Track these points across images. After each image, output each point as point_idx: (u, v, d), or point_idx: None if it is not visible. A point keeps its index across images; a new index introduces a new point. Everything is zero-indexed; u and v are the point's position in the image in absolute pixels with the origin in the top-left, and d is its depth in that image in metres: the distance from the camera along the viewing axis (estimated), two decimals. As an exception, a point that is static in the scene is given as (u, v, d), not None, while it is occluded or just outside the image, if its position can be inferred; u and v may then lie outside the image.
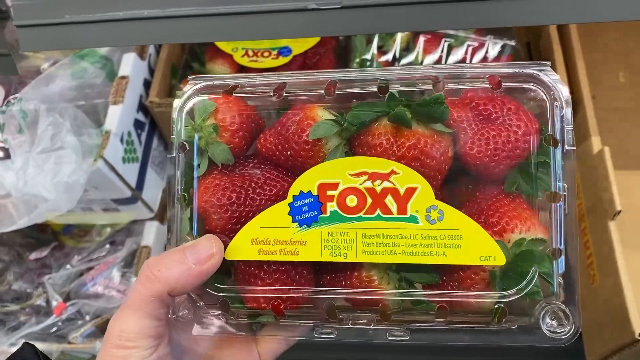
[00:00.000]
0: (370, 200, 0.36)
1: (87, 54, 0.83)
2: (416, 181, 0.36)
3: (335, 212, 0.37)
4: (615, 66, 0.97)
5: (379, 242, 0.36)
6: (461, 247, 0.36)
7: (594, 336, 0.71)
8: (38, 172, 0.69)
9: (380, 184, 0.36)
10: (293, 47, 0.85)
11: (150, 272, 0.36)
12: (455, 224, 0.36)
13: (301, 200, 0.37)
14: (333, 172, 0.37)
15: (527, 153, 0.36)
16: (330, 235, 0.37)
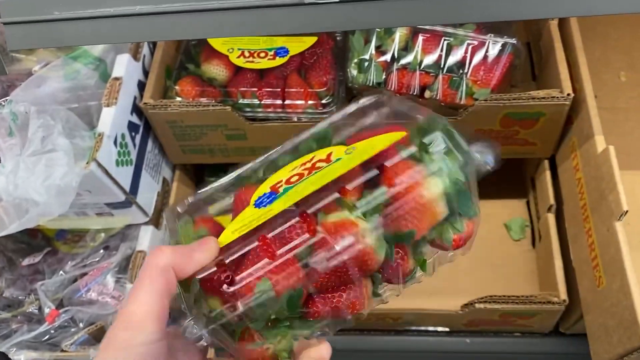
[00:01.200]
0: (307, 171, 0.44)
1: (80, 55, 0.82)
2: (336, 152, 0.45)
3: (286, 188, 0.43)
4: (617, 66, 0.96)
5: (322, 174, 0.42)
6: (374, 145, 0.43)
7: (600, 340, 0.69)
8: (29, 175, 0.67)
9: (312, 162, 0.44)
10: (290, 47, 0.84)
11: (159, 248, 0.40)
12: (368, 143, 0.43)
13: (261, 198, 0.44)
14: (279, 176, 0.45)
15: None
16: (288, 196, 0.42)
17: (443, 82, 0.79)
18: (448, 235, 0.42)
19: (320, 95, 0.82)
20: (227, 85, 0.84)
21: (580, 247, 0.75)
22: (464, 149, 0.41)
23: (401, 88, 0.80)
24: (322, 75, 0.83)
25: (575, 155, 0.78)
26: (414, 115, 0.45)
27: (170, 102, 0.81)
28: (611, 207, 0.67)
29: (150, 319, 0.37)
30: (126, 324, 0.37)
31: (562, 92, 0.74)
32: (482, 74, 0.78)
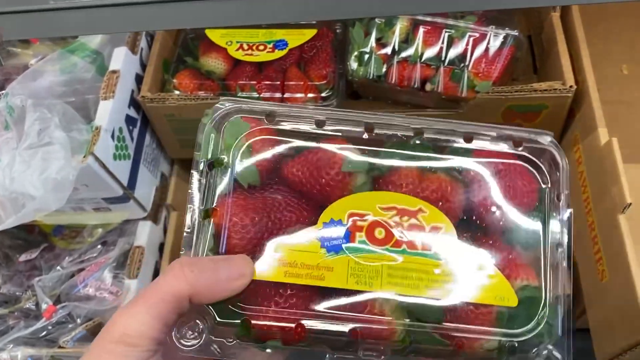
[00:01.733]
0: (397, 235, 0.39)
1: (77, 48, 0.81)
2: (441, 221, 0.39)
3: (364, 242, 0.38)
4: (619, 59, 0.95)
5: (403, 274, 0.38)
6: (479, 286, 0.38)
7: (603, 335, 0.69)
8: (25, 168, 0.67)
9: (407, 220, 0.39)
10: (289, 40, 0.83)
11: (180, 269, 0.35)
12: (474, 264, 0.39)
13: (331, 227, 0.39)
14: (363, 204, 0.39)
15: (528, 210, 0.40)
16: (357, 264, 0.38)
17: (444, 74, 0.78)
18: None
19: (320, 89, 0.81)
20: (225, 79, 0.83)
21: (584, 241, 0.74)
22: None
23: (402, 81, 0.79)
24: (322, 68, 0.82)
25: (577, 148, 0.78)
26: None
27: (168, 95, 0.80)
28: (614, 200, 0.66)
29: (145, 338, 0.34)
30: (118, 337, 0.34)
31: (565, 84, 0.74)
32: (484, 67, 0.77)
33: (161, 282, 0.35)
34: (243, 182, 0.40)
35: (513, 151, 0.41)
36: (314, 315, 0.38)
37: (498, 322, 0.38)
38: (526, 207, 0.40)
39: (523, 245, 0.40)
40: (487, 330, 0.38)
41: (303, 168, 0.40)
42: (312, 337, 0.38)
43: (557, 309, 0.38)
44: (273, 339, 0.38)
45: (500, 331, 0.38)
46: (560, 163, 0.41)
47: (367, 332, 0.38)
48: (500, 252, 0.39)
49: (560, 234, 0.40)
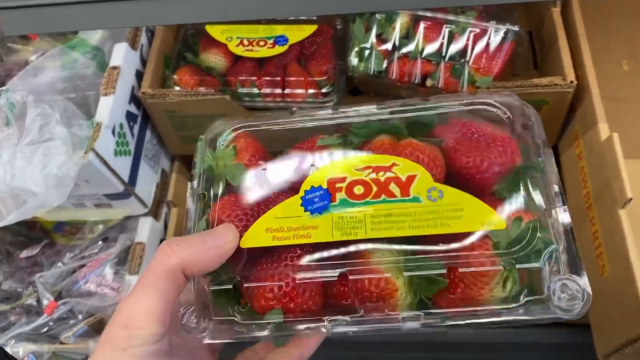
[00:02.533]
0: (375, 188, 0.40)
1: (77, 44, 0.81)
2: (415, 170, 0.40)
3: (344, 200, 0.40)
4: (619, 55, 0.95)
5: (386, 220, 0.39)
6: (463, 218, 0.38)
7: (604, 329, 0.69)
8: (26, 164, 0.66)
9: (383, 175, 0.40)
10: (289, 35, 0.83)
11: (167, 246, 0.37)
12: (455, 200, 0.39)
13: (312, 193, 0.40)
14: (340, 170, 0.41)
15: (512, 165, 0.40)
16: (340, 219, 0.39)
17: (445, 70, 0.78)
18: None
19: (321, 85, 0.81)
20: (226, 75, 0.83)
21: (584, 236, 0.74)
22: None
23: (402, 77, 0.79)
24: (322, 64, 0.82)
25: (578, 144, 0.78)
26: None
27: (168, 91, 0.80)
28: (615, 195, 0.66)
29: (150, 320, 0.35)
30: (125, 323, 0.35)
31: (565, 80, 0.74)
32: (484, 62, 0.77)
33: (153, 263, 0.36)
34: (234, 182, 0.42)
35: (475, 106, 0.43)
36: (305, 269, 0.39)
37: (492, 247, 0.37)
38: (505, 160, 0.40)
39: (509, 196, 0.39)
40: (482, 256, 0.37)
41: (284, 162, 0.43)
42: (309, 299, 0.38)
43: (551, 230, 0.38)
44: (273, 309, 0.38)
45: (496, 253, 0.37)
46: (528, 113, 0.42)
47: (359, 277, 0.38)
48: (484, 199, 0.39)
49: (546, 177, 0.40)
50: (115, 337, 0.35)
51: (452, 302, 0.38)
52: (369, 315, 0.38)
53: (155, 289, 0.35)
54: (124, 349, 0.34)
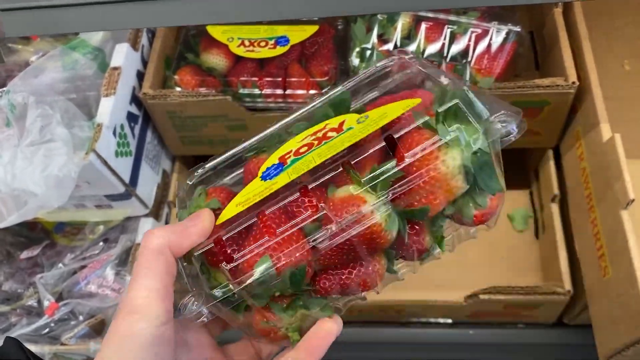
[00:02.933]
0: (316, 142, 0.42)
1: (78, 45, 0.81)
2: (344, 119, 0.43)
3: (294, 159, 0.42)
4: (621, 55, 0.94)
5: (330, 146, 0.40)
6: (387, 115, 0.40)
7: (606, 330, 0.69)
8: (27, 165, 0.66)
9: (321, 132, 0.42)
10: (291, 36, 0.83)
11: (151, 231, 0.39)
12: (380, 111, 0.41)
13: (268, 170, 0.43)
14: (287, 148, 0.43)
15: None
16: (294, 168, 0.41)
17: (446, 71, 0.78)
18: (469, 211, 0.40)
19: (322, 85, 0.81)
20: (227, 75, 0.82)
21: (585, 237, 0.74)
22: (484, 117, 0.38)
23: (404, 77, 0.79)
24: (324, 64, 0.82)
25: (579, 145, 0.78)
26: (436, 79, 0.43)
27: (169, 92, 0.80)
28: (617, 196, 0.66)
29: (153, 301, 0.36)
30: (129, 309, 0.36)
31: (567, 80, 0.74)
32: (486, 63, 0.77)
33: (140, 249, 0.39)
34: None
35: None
36: (271, 207, 0.40)
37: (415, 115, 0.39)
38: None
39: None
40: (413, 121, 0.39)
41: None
42: (284, 228, 0.39)
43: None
44: (260, 259, 0.39)
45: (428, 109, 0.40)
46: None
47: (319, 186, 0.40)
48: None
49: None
50: (120, 325, 0.36)
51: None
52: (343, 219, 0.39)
53: (150, 273, 0.37)
54: (130, 335, 0.35)
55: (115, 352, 0.35)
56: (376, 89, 0.46)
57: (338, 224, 0.38)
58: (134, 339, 0.35)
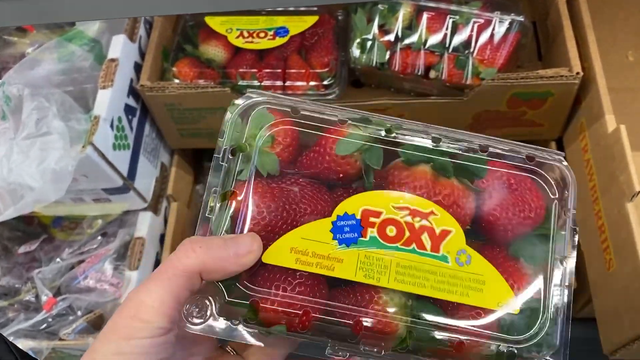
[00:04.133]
0: (408, 234, 0.39)
1: (74, 36, 0.79)
2: (451, 225, 0.40)
3: (375, 238, 0.39)
4: (625, 45, 0.93)
5: (411, 273, 0.39)
6: (483, 292, 0.39)
7: (610, 324, 0.68)
8: (23, 159, 0.65)
9: (419, 221, 0.40)
10: (290, 27, 0.82)
11: (189, 245, 0.36)
12: (480, 270, 0.39)
13: (344, 220, 0.40)
14: (377, 202, 0.40)
15: (535, 224, 0.41)
16: (367, 258, 0.39)
17: (448, 61, 0.77)
18: None
19: (322, 77, 0.80)
20: (226, 67, 0.81)
21: (590, 230, 0.73)
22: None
23: (405, 68, 0.78)
24: (324, 55, 0.80)
25: (584, 136, 0.77)
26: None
27: (167, 84, 0.79)
28: (622, 188, 0.65)
29: (158, 314, 0.35)
30: (134, 313, 0.35)
31: (571, 71, 0.73)
32: (489, 53, 0.76)
33: (173, 259, 0.36)
34: (262, 170, 0.40)
35: (525, 165, 0.42)
36: (320, 304, 0.38)
37: (498, 328, 0.39)
38: (533, 222, 0.41)
39: (527, 259, 0.40)
40: (488, 335, 0.38)
41: (313, 157, 0.42)
42: (316, 325, 0.39)
43: (557, 321, 0.39)
44: (278, 324, 0.39)
45: (500, 336, 0.38)
46: (569, 181, 0.42)
47: (370, 325, 0.38)
48: (505, 262, 0.40)
49: (564, 250, 0.41)
50: (121, 325, 0.35)
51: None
52: (366, 351, 0.39)
53: (169, 285, 0.35)
54: (128, 339, 0.34)
55: (112, 352, 0.34)
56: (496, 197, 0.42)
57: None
58: (132, 344, 0.34)
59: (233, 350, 0.44)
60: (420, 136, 0.42)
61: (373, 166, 0.41)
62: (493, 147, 0.42)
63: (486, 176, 0.42)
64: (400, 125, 0.43)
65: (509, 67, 0.77)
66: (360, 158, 0.41)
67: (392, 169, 0.42)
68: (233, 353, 0.44)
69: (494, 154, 0.42)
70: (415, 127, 0.43)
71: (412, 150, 0.42)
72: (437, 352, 0.39)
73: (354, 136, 0.41)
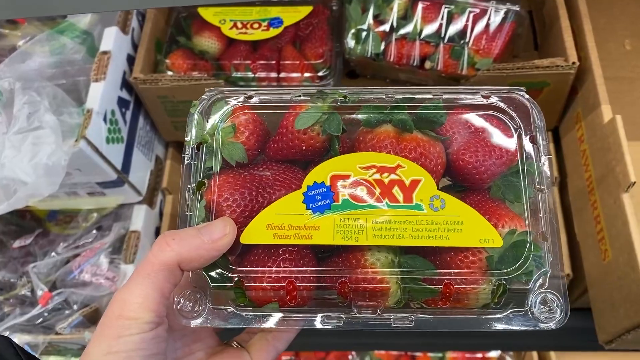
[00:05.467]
0: (378, 190, 0.40)
1: (66, 28, 0.78)
2: (420, 174, 0.40)
3: (347, 201, 0.40)
4: (621, 34, 0.93)
5: (387, 227, 0.39)
6: (462, 232, 0.39)
7: (606, 314, 0.68)
8: (15, 153, 0.65)
9: (387, 176, 0.40)
10: (284, 17, 0.81)
11: (163, 240, 0.37)
12: (456, 211, 0.40)
13: (315, 190, 0.40)
14: (344, 166, 0.41)
15: (510, 163, 0.41)
16: (342, 221, 0.39)
17: (444, 52, 0.76)
18: None
19: (317, 68, 0.79)
20: (219, 58, 0.81)
21: (585, 221, 0.73)
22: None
23: (400, 59, 0.77)
24: (318, 46, 0.80)
25: (580, 127, 0.76)
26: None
27: (161, 76, 0.78)
28: (618, 179, 0.65)
29: (143, 310, 0.36)
30: (119, 312, 0.36)
31: (567, 61, 0.72)
32: (484, 43, 0.75)
33: (149, 256, 0.37)
34: (230, 160, 0.42)
35: (484, 104, 0.43)
36: (307, 275, 0.39)
37: (486, 265, 0.39)
38: (507, 160, 0.41)
39: (508, 197, 0.41)
40: (476, 273, 0.39)
41: (278, 139, 0.43)
42: (308, 297, 0.40)
43: (545, 247, 0.40)
44: (270, 302, 0.40)
45: (489, 272, 0.39)
46: (532, 112, 0.42)
47: (357, 285, 0.39)
48: (487, 204, 0.41)
49: (542, 180, 0.41)
50: (109, 326, 0.36)
51: (442, 306, 0.40)
52: (361, 313, 0.40)
53: (150, 281, 0.36)
54: (118, 337, 0.35)
55: (103, 352, 0.35)
56: (465, 135, 0.43)
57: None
58: (122, 342, 0.35)
59: (237, 344, 0.45)
60: (377, 97, 0.43)
61: (334, 133, 0.42)
62: (447, 93, 0.43)
63: (447, 122, 0.42)
64: (356, 92, 0.43)
65: (505, 57, 0.76)
66: (321, 129, 0.42)
67: (358, 135, 0.43)
68: (237, 346, 0.44)
69: (450, 99, 0.43)
70: (370, 91, 0.44)
71: (371, 112, 0.42)
72: (432, 302, 0.40)
73: (312, 109, 0.42)
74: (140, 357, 0.35)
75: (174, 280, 0.37)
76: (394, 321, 0.39)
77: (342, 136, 0.42)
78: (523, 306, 0.39)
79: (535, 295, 0.39)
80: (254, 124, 0.43)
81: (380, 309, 0.39)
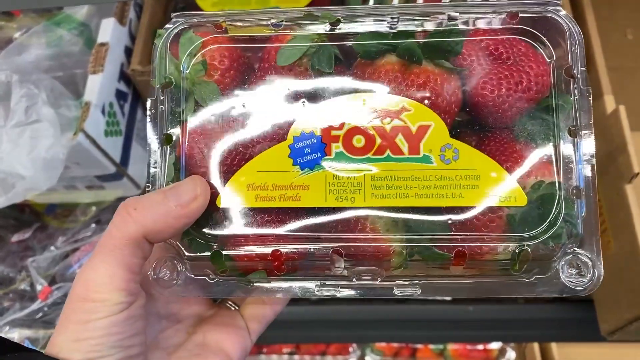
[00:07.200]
0: (379, 140, 0.34)
1: (63, 20, 0.77)
2: (429, 118, 0.33)
3: (341, 154, 0.34)
4: (623, 23, 0.92)
5: (389, 184, 0.33)
6: (479, 188, 0.33)
7: (608, 305, 0.68)
8: (13, 147, 0.64)
9: (390, 122, 0.34)
10: (283, 7, 0.80)
11: (125, 211, 0.32)
12: (471, 163, 0.33)
13: (303, 141, 0.34)
14: (337, 109, 0.34)
15: (540, 96, 0.34)
16: (336, 179, 0.34)
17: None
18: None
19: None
20: (218, 50, 0.80)
21: (588, 212, 0.72)
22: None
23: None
24: None
25: (582, 117, 0.76)
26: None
27: (159, 68, 0.77)
28: (621, 170, 0.65)
29: (111, 290, 0.31)
30: (84, 295, 0.31)
31: (570, 51, 0.71)
32: (486, 33, 0.74)
33: (111, 229, 0.32)
34: (202, 102, 0.35)
35: (510, 26, 0.34)
36: (292, 241, 0.34)
37: (506, 227, 0.33)
38: (536, 93, 0.34)
39: (532, 139, 0.34)
40: (493, 237, 0.33)
41: (262, 74, 0.35)
42: (295, 265, 0.34)
43: (576, 205, 0.33)
44: (256, 271, 0.34)
45: (511, 236, 0.33)
46: (570, 35, 0.34)
47: (355, 253, 0.33)
48: (505, 148, 0.34)
49: (579, 119, 0.34)
50: (73, 311, 0.31)
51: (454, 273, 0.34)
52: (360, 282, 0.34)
53: (114, 258, 0.31)
54: (86, 322, 0.30)
55: (70, 340, 0.30)
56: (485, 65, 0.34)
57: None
58: (90, 327, 0.30)
59: (232, 304, 0.40)
60: (375, 21, 0.35)
61: (325, 70, 0.34)
62: (465, 12, 0.34)
63: (464, 50, 0.34)
64: (352, 13, 0.35)
65: (507, 47, 0.75)
66: (309, 64, 0.35)
67: (354, 70, 0.35)
68: (234, 308, 0.40)
69: (468, 21, 0.34)
70: (368, 11, 0.35)
71: (369, 40, 0.34)
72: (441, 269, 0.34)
73: (297, 40, 0.35)
74: (113, 343, 0.31)
75: (142, 254, 0.32)
76: (397, 288, 0.33)
77: (335, 71, 0.35)
78: (548, 271, 0.33)
79: (565, 260, 0.33)
80: (229, 59, 0.35)
81: (381, 276, 0.34)
